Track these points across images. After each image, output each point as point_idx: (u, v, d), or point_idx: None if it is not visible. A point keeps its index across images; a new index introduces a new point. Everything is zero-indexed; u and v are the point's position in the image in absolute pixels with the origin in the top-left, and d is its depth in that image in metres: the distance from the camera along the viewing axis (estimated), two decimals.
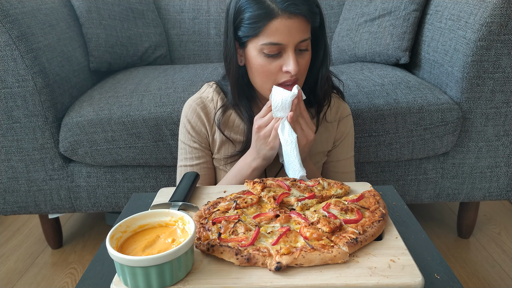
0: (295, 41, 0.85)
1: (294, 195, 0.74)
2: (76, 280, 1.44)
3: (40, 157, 1.33)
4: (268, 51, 0.86)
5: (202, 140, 1.02)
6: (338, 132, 1.06)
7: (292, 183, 0.78)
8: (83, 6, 1.56)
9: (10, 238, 1.69)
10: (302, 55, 0.89)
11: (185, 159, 1.03)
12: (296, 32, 0.85)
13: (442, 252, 1.53)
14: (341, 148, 1.08)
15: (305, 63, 0.90)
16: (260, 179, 0.79)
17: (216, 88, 1.03)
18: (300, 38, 0.86)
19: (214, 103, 1.00)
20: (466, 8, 1.25)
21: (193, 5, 1.86)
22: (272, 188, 0.76)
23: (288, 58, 0.86)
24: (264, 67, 0.88)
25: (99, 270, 0.62)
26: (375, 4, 1.60)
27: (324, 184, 0.79)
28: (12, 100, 1.25)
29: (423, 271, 0.58)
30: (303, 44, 0.87)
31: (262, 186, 0.75)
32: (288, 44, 0.85)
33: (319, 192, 0.76)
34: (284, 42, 0.85)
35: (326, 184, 0.79)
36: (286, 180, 0.80)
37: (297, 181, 0.80)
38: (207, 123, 1.00)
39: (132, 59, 1.70)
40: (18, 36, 1.20)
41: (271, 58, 0.87)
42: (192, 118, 1.00)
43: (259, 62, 0.88)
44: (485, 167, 1.39)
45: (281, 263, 0.56)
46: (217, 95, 1.01)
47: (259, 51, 0.87)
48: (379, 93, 1.31)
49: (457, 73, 1.27)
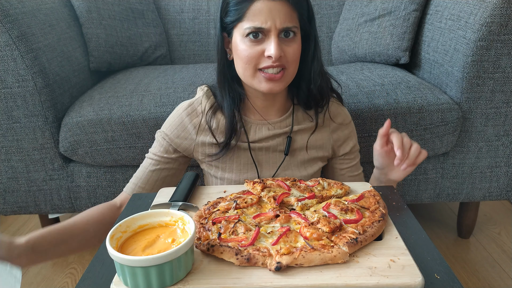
0: (277, 25, 0.84)
1: (294, 195, 0.74)
2: (76, 280, 1.44)
3: (40, 157, 1.33)
4: (251, 35, 0.85)
5: (180, 148, 1.00)
6: (338, 140, 1.04)
7: (292, 183, 0.78)
8: (83, 6, 1.56)
9: None
10: (289, 43, 0.87)
11: (153, 155, 1.02)
12: (279, 15, 0.83)
13: (442, 252, 1.53)
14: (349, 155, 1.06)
15: (292, 52, 0.87)
16: (260, 179, 0.78)
17: (207, 91, 1.01)
18: (283, 23, 0.84)
19: (203, 107, 0.99)
20: (466, 8, 1.25)
21: (193, 5, 1.85)
22: (272, 188, 0.76)
23: (270, 43, 0.84)
24: (246, 51, 0.86)
25: (99, 270, 0.62)
26: (375, 4, 1.60)
27: (324, 184, 0.79)
28: (12, 100, 1.25)
29: (423, 271, 0.58)
30: (288, 31, 0.85)
31: (262, 186, 0.75)
32: (270, 28, 0.84)
33: (319, 192, 0.76)
34: (266, 26, 0.84)
35: (326, 184, 0.79)
36: (286, 180, 0.80)
37: (297, 181, 0.80)
38: (192, 131, 0.99)
39: (132, 59, 1.70)
40: (18, 36, 1.20)
41: (254, 42, 0.86)
42: (176, 128, 0.99)
43: (242, 47, 0.87)
44: (485, 167, 1.39)
45: (281, 263, 0.56)
46: (206, 99, 0.99)
47: (242, 35, 0.86)
48: (379, 93, 1.31)
49: (457, 73, 1.27)
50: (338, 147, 1.04)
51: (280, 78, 0.87)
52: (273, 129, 0.99)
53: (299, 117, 1.01)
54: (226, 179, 1.00)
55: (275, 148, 0.99)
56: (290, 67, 0.89)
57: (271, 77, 0.87)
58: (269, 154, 0.99)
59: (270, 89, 0.89)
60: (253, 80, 0.89)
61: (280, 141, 0.99)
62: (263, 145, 0.99)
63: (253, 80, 0.89)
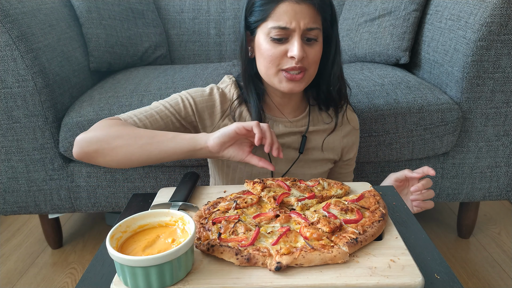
0: (302, 26, 0.85)
1: (294, 195, 0.74)
2: (76, 280, 1.44)
3: (40, 157, 1.33)
4: (274, 35, 0.87)
5: (199, 122, 0.98)
6: (347, 145, 1.07)
7: (292, 183, 0.78)
8: (83, 6, 1.56)
9: (10, 238, 1.69)
10: (311, 45, 0.89)
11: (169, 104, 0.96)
12: (303, 17, 0.85)
13: (442, 252, 1.53)
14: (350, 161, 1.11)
15: (314, 54, 0.89)
16: (260, 179, 0.79)
17: (235, 82, 1.03)
18: (307, 25, 0.86)
19: (231, 95, 1.00)
20: (466, 8, 1.25)
21: (193, 5, 1.85)
22: (272, 188, 0.76)
23: (293, 44, 0.86)
24: (270, 51, 0.88)
25: (99, 270, 0.62)
26: (375, 4, 1.60)
27: (324, 184, 0.79)
28: (12, 100, 1.25)
29: (423, 271, 0.58)
30: (311, 33, 0.87)
31: (262, 186, 0.75)
32: (294, 29, 0.85)
33: (319, 192, 0.76)
34: (291, 26, 0.85)
35: (326, 184, 0.79)
36: (286, 180, 0.80)
37: (297, 181, 0.80)
38: (218, 114, 0.98)
39: (132, 59, 1.70)
40: (18, 36, 1.20)
41: (277, 43, 0.87)
42: (206, 102, 0.98)
43: (265, 46, 0.89)
44: (485, 167, 1.39)
45: (281, 263, 0.56)
46: (235, 89, 1.01)
47: (266, 35, 0.88)
48: (379, 93, 1.31)
49: (457, 73, 1.27)
50: (345, 153, 1.08)
51: (300, 78, 0.90)
52: (289, 127, 1.01)
53: (314, 118, 1.03)
54: (239, 168, 1.01)
55: (290, 145, 1.01)
56: (310, 69, 0.91)
57: (292, 77, 0.89)
58: (283, 150, 1.01)
59: (291, 89, 0.91)
60: (274, 79, 0.91)
61: (295, 139, 1.01)
62: (279, 141, 1.00)
63: (275, 79, 0.91)
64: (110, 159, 0.84)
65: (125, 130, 0.84)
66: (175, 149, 0.82)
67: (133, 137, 0.83)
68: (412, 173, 0.96)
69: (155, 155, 0.83)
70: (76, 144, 0.84)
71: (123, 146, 0.82)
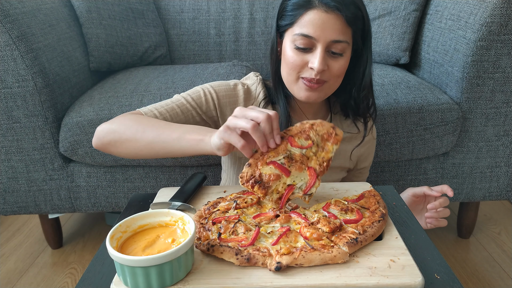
0: (327, 38, 0.83)
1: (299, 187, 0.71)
2: (76, 280, 1.44)
3: (40, 157, 1.33)
4: (299, 43, 0.85)
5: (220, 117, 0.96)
6: (363, 154, 1.06)
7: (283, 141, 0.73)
8: (83, 6, 1.55)
9: (10, 238, 1.69)
10: (336, 58, 0.86)
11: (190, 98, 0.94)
12: (330, 29, 0.82)
13: (442, 252, 1.53)
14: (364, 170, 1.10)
15: (338, 68, 0.87)
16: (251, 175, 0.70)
17: (262, 81, 1.00)
18: (333, 37, 0.83)
19: (256, 93, 0.98)
20: (466, 8, 1.25)
21: (193, 5, 1.85)
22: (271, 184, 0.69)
23: (315, 55, 0.84)
24: (292, 58, 0.87)
25: (99, 270, 0.62)
26: (375, 4, 1.60)
27: (318, 140, 0.73)
28: (12, 100, 1.25)
29: (423, 271, 0.58)
30: (337, 46, 0.84)
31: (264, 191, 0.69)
32: (319, 39, 0.83)
33: (314, 155, 0.74)
34: (316, 35, 0.83)
35: (319, 139, 0.74)
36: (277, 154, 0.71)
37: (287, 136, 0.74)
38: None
39: (132, 59, 1.70)
40: (18, 36, 1.20)
41: (301, 51, 0.86)
42: (229, 98, 0.96)
43: (289, 53, 0.87)
44: (485, 167, 1.39)
45: (281, 263, 0.56)
46: (261, 88, 0.99)
47: (292, 41, 0.86)
48: (379, 93, 1.31)
49: (457, 73, 1.27)
50: (360, 161, 1.07)
51: (317, 87, 0.88)
52: None
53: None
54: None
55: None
56: (331, 81, 0.88)
57: (310, 85, 0.87)
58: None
59: (308, 98, 0.90)
60: (294, 86, 0.90)
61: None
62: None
63: (294, 86, 0.90)
64: (121, 151, 0.86)
65: (137, 124, 0.84)
66: (181, 150, 0.80)
67: (142, 132, 0.83)
68: (431, 190, 0.96)
69: (162, 154, 0.83)
70: (95, 134, 0.87)
71: (132, 140, 0.83)
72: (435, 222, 0.96)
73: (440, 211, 0.95)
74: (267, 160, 0.70)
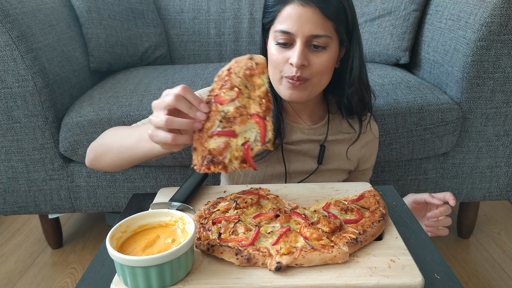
0: (305, 32, 0.80)
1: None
2: (76, 280, 1.44)
3: (40, 157, 1.33)
4: (279, 39, 0.83)
5: None
6: (365, 155, 1.03)
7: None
8: (83, 6, 1.55)
9: (10, 238, 1.69)
10: (317, 53, 0.83)
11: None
12: (308, 23, 0.80)
13: (442, 252, 1.53)
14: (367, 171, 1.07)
15: (320, 63, 0.84)
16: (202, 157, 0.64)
17: None
18: (311, 31, 0.80)
19: None
20: (466, 8, 1.25)
21: (193, 5, 1.85)
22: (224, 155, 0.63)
23: (294, 50, 0.82)
24: (274, 56, 0.85)
25: (99, 270, 0.62)
26: (375, 4, 1.60)
27: (242, 81, 0.66)
28: (12, 100, 1.25)
29: (423, 271, 0.58)
30: (318, 40, 0.81)
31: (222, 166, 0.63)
32: (297, 34, 0.81)
33: (249, 98, 0.65)
34: (293, 31, 0.81)
35: (244, 80, 0.66)
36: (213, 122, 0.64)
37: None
38: None
39: (132, 59, 1.70)
40: (18, 36, 1.20)
41: (282, 47, 0.84)
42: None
43: (271, 51, 0.86)
44: (485, 167, 1.39)
45: (281, 263, 0.56)
46: None
47: (273, 38, 0.85)
48: (379, 93, 1.31)
49: (457, 73, 1.27)
50: (362, 163, 1.05)
51: (300, 85, 0.85)
52: (308, 134, 0.97)
53: (334, 127, 0.99)
54: (250, 174, 0.98)
55: (306, 153, 0.98)
56: (315, 78, 0.85)
57: (292, 82, 0.85)
58: (299, 157, 0.98)
59: (291, 96, 0.87)
60: (279, 85, 0.88)
61: (312, 147, 0.98)
62: (296, 147, 0.97)
63: (279, 86, 0.88)
64: (104, 165, 0.88)
65: (107, 137, 0.86)
66: (146, 153, 0.78)
67: (109, 145, 0.85)
68: (432, 198, 0.93)
69: (133, 161, 0.83)
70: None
71: (105, 153, 0.86)
72: (435, 230, 0.93)
73: (441, 221, 0.92)
74: (208, 134, 0.64)
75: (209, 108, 0.65)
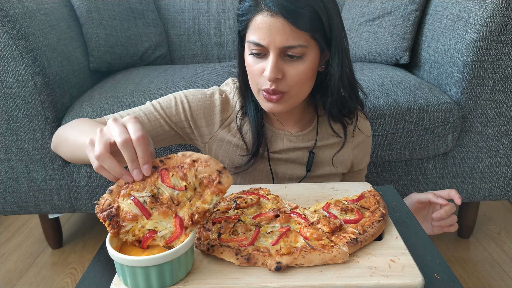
0: (277, 44, 0.75)
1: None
2: (76, 280, 1.44)
3: (40, 157, 1.33)
4: (253, 49, 0.79)
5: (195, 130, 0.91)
6: (358, 156, 0.99)
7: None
8: (83, 6, 1.56)
9: (10, 238, 1.69)
10: (293, 63, 0.78)
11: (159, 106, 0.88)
12: (278, 34, 0.74)
13: (442, 252, 1.53)
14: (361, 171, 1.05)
15: (296, 74, 0.78)
16: (109, 205, 0.58)
17: (238, 88, 0.93)
18: (283, 43, 0.74)
19: (233, 103, 0.92)
20: (466, 8, 1.25)
21: (193, 5, 1.86)
22: (126, 224, 0.57)
23: (267, 62, 0.77)
24: (250, 67, 0.81)
25: (99, 270, 0.62)
26: (375, 4, 1.60)
27: (195, 183, 0.58)
28: (12, 100, 1.25)
29: (423, 271, 0.58)
30: (293, 51, 0.76)
31: (115, 230, 0.56)
32: (268, 46, 0.76)
33: (188, 200, 0.57)
34: (265, 43, 0.75)
35: (197, 183, 0.58)
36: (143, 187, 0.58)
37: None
38: (217, 122, 0.91)
39: (132, 59, 1.70)
40: (18, 36, 1.20)
41: (257, 58, 0.79)
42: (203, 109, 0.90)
43: (247, 61, 0.81)
44: (485, 167, 1.39)
45: (281, 263, 0.56)
46: (238, 97, 0.92)
47: (248, 48, 0.80)
48: (379, 93, 1.31)
49: (457, 73, 1.27)
50: (356, 164, 1.01)
51: (278, 100, 0.80)
52: (295, 142, 0.93)
53: (323, 131, 0.95)
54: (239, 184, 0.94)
55: (295, 160, 0.94)
56: (293, 90, 0.81)
57: (269, 97, 0.81)
58: (287, 165, 0.94)
59: (271, 110, 0.83)
60: (258, 96, 0.85)
61: (300, 154, 0.94)
62: (283, 156, 0.93)
63: (258, 97, 0.85)
64: (62, 155, 0.85)
65: (69, 128, 0.82)
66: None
67: (67, 136, 0.80)
68: (436, 198, 0.89)
69: (86, 161, 0.71)
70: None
71: (62, 144, 0.82)
72: (445, 229, 0.90)
73: (447, 220, 0.89)
74: (130, 192, 0.57)
75: (150, 173, 0.57)
